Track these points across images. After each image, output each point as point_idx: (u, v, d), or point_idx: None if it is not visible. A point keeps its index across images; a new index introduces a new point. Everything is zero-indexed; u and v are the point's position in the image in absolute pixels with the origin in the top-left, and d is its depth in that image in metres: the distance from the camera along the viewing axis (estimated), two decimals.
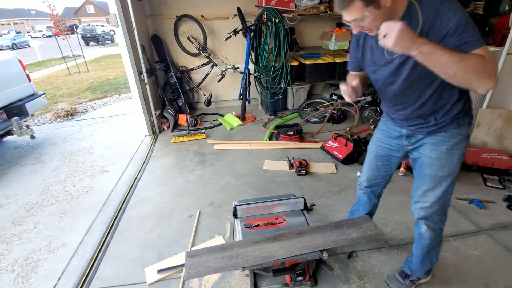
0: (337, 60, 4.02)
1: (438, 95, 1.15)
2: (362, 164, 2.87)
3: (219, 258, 1.49)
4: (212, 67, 4.18)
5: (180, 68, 4.32)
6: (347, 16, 0.99)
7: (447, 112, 1.18)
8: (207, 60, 4.15)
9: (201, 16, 4.07)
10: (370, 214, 1.80)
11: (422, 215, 1.37)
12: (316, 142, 3.40)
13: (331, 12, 3.94)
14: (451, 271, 1.73)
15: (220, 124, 4.08)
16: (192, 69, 4.34)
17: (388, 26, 0.90)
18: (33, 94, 4.02)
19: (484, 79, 0.92)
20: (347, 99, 1.24)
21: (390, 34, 0.89)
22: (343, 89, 1.23)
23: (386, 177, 1.61)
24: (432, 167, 1.27)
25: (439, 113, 1.19)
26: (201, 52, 4.13)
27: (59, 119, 4.87)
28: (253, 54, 4.01)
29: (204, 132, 3.74)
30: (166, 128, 4.01)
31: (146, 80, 3.57)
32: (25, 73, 3.96)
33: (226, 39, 3.78)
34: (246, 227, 1.77)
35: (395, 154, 1.46)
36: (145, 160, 3.22)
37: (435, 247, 1.50)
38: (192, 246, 2.01)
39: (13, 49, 18.21)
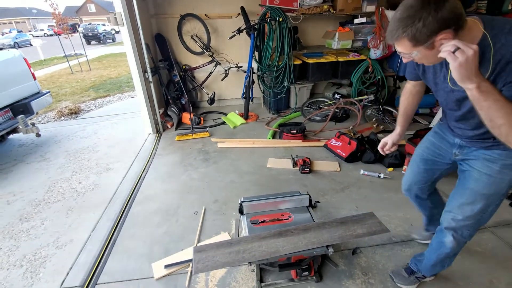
0: (340, 59, 4.04)
1: None
2: (365, 162, 2.93)
3: (226, 253, 1.51)
4: (215, 66, 4.20)
5: (184, 67, 4.34)
6: (397, 47, 0.94)
7: None
8: (210, 59, 4.17)
9: (205, 15, 4.08)
10: (436, 210, 1.65)
11: (452, 226, 1.29)
12: (319, 140, 3.42)
13: (334, 11, 3.95)
14: (455, 267, 1.75)
15: (224, 123, 4.10)
16: (196, 67, 4.36)
17: (461, 45, 0.79)
18: (38, 93, 4.05)
19: None
20: (381, 151, 1.53)
21: (456, 56, 0.79)
22: (384, 141, 1.51)
23: (427, 183, 1.50)
24: (478, 183, 1.19)
25: None
26: (204, 51, 4.15)
27: (63, 118, 4.90)
28: (256, 53, 4.03)
29: (207, 131, 3.76)
30: (169, 127, 4.03)
31: (150, 78, 3.59)
32: (30, 71, 3.99)
33: (230, 38, 3.79)
34: (252, 223, 1.79)
35: (441, 160, 1.38)
36: (149, 158, 3.25)
37: (451, 257, 1.44)
38: (198, 242, 2.04)
39: (15, 47, 18.26)
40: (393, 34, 0.90)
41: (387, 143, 1.51)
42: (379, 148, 1.56)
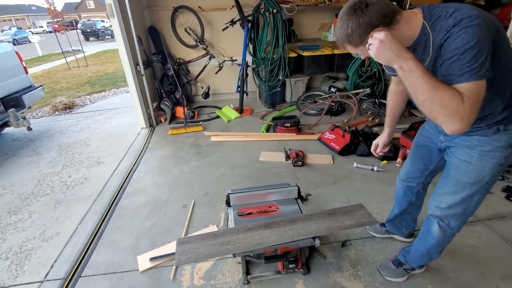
0: (336, 51, 3.97)
1: None
2: (359, 155, 2.88)
3: (210, 245, 1.48)
4: (209, 59, 4.15)
5: (178, 60, 4.29)
6: (350, 50, 1.04)
7: (484, 119, 1.05)
8: (204, 52, 4.12)
9: (198, 7, 4.02)
10: (408, 213, 1.68)
11: (437, 214, 1.29)
12: (313, 134, 3.37)
13: (329, 3, 3.88)
14: (446, 260, 1.71)
15: (218, 117, 4.05)
16: (190, 61, 4.31)
17: (373, 37, 0.90)
18: (30, 86, 4.00)
19: (449, 119, 0.85)
20: (374, 153, 1.57)
21: (372, 44, 0.90)
22: (375, 143, 1.56)
23: (424, 172, 1.47)
24: (458, 170, 1.17)
25: (476, 120, 1.03)
26: (198, 44, 4.09)
27: (57, 112, 4.86)
28: (250, 46, 3.97)
29: (201, 124, 3.72)
30: (163, 121, 3.99)
31: (142, 71, 3.54)
32: (22, 65, 3.94)
33: (223, 29, 3.74)
34: (239, 215, 1.76)
35: (433, 145, 1.36)
36: (141, 152, 3.21)
37: (438, 247, 1.41)
38: (186, 234, 2.00)
39: (14, 44, 18.21)
40: (338, 42, 1.02)
41: (378, 145, 1.56)
42: (371, 150, 1.60)
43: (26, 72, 3.99)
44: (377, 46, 0.88)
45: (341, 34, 0.97)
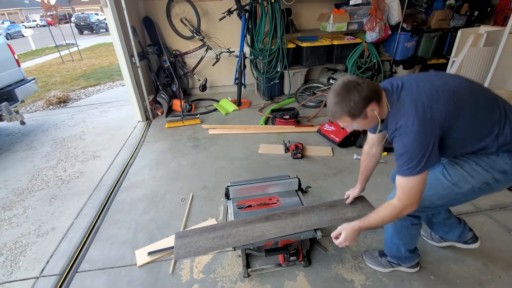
0: (335, 42, 3.91)
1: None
2: (359, 147, 2.85)
3: (210, 238, 1.44)
4: (206, 50, 4.06)
5: (174, 52, 4.20)
6: (340, 123, 1.16)
7: (479, 153, 1.15)
8: (201, 43, 4.03)
9: None
10: (436, 219, 1.61)
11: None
12: (312, 126, 3.33)
13: None
14: (448, 251, 1.69)
15: (215, 110, 3.99)
16: (186, 53, 4.22)
17: (344, 232, 1.26)
18: (23, 80, 3.91)
19: (401, 215, 1.14)
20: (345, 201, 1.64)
21: (343, 239, 1.26)
22: (347, 194, 1.65)
23: None
24: (443, 169, 1.22)
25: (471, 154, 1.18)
26: (194, 35, 4.00)
27: (51, 107, 4.76)
28: (248, 37, 3.89)
29: (198, 117, 3.65)
30: (160, 114, 3.92)
31: (137, 63, 3.46)
32: (14, 57, 3.84)
33: (220, 19, 3.65)
34: (238, 208, 1.72)
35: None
36: (138, 145, 3.15)
37: (396, 238, 1.43)
38: (184, 228, 1.97)
39: (8, 39, 17.84)
40: (335, 115, 1.12)
41: (349, 196, 1.63)
42: (345, 197, 1.66)
43: (19, 65, 3.89)
44: (339, 243, 1.27)
45: (340, 108, 1.08)
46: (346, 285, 1.53)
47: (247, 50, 3.94)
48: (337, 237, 1.29)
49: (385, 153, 2.72)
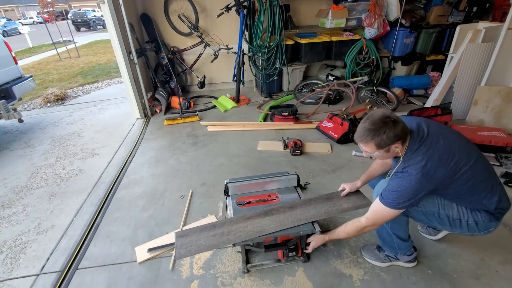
0: (334, 39, 3.90)
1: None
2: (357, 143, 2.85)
3: (210, 236, 1.45)
4: (204, 47, 4.05)
5: (172, 49, 4.18)
6: (363, 147, 1.25)
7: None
8: (199, 40, 4.01)
9: None
10: None
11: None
12: (311, 122, 3.33)
13: None
14: (445, 245, 1.71)
15: (214, 107, 3.98)
16: (184, 49, 4.20)
17: (315, 240, 1.52)
18: (20, 77, 3.88)
19: (360, 233, 1.39)
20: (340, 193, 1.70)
21: (313, 246, 1.52)
22: (343, 186, 1.70)
23: None
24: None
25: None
26: (193, 31, 3.98)
27: (49, 104, 4.74)
28: (246, 33, 3.87)
29: (197, 115, 3.65)
30: (158, 111, 3.91)
31: (135, 60, 3.44)
32: (11, 55, 3.81)
33: (218, 15, 3.63)
34: (237, 205, 1.73)
35: None
36: (136, 143, 3.15)
37: (385, 241, 1.54)
38: (184, 225, 1.97)
39: (4, 36, 17.64)
40: (363, 138, 1.21)
41: (345, 189, 1.68)
42: (339, 189, 1.72)
43: (16, 63, 3.86)
44: (317, 244, 1.52)
45: (371, 136, 1.18)
46: (344, 280, 1.55)
47: (245, 46, 3.92)
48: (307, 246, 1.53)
49: None
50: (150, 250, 1.77)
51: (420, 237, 1.77)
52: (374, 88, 3.78)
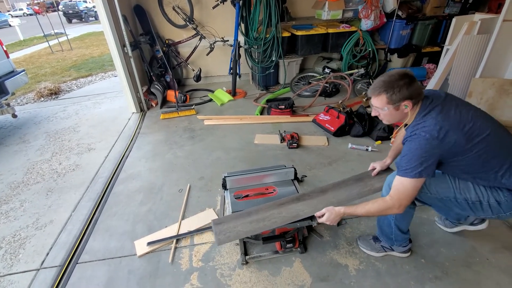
0: (330, 30, 3.88)
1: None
2: (353, 136, 2.88)
3: (247, 222, 1.47)
4: (200, 40, 4.00)
5: (167, 42, 4.12)
6: (373, 101, 1.26)
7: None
8: (194, 32, 3.96)
9: None
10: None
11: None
12: (307, 115, 3.34)
13: None
14: (438, 235, 1.76)
15: (210, 100, 3.97)
16: (179, 42, 4.15)
17: (328, 212, 1.39)
18: (13, 71, 3.81)
19: (387, 212, 1.29)
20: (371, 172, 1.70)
21: (325, 219, 1.39)
22: (373, 165, 1.70)
23: None
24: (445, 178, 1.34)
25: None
26: (187, 23, 3.92)
27: (42, 99, 4.68)
28: (242, 25, 3.83)
29: (193, 108, 3.63)
30: (154, 105, 3.89)
31: (130, 53, 3.39)
32: (3, 49, 3.73)
33: (214, 7, 3.58)
34: (235, 198, 1.75)
35: None
36: (133, 137, 3.14)
37: (384, 231, 1.54)
38: (183, 219, 1.99)
39: None
40: (375, 90, 1.23)
41: (375, 168, 1.68)
42: (369, 168, 1.73)
43: (8, 57, 3.78)
44: (325, 220, 1.39)
45: (385, 87, 1.19)
46: (340, 269, 1.59)
47: (241, 39, 3.89)
48: (320, 217, 1.42)
49: (379, 141, 2.77)
50: (149, 243, 1.79)
51: (414, 227, 1.81)
52: (371, 80, 3.79)
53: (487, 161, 1.16)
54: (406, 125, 1.28)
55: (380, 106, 1.23)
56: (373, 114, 1.31)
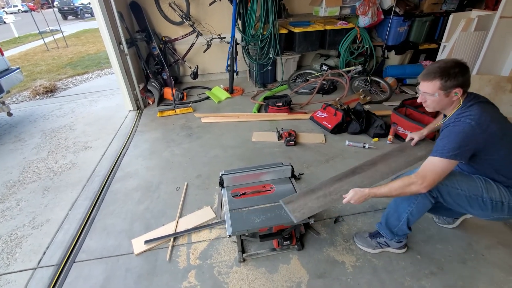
0: (328, 27, 3.86)
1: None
2: (351, 133, 2.89)
3: (314, 198, 1.48)
4: (197, 37, 3.97)
5: (163, 39, 4.09)
6: (423, 87, 1.28)
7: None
8: (191, 29, 3.93)
9: None
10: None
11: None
12: (305, 113, 3.34)
13: None
14: (433, 231, 1.77)
15: (208, 98, 3.95)
16: (176, 39, 4.12)
17: (353, 192, 1.35)
18: (7, 69, 3.77)
19: (411, 191, 1.27)
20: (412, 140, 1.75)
21: (349, 197, 1.36)
22: (410, 136, 1.74)
23: None
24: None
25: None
26: (184, 20, 3.89)
27: (38, 96, 4.64)
28: (239, 22, 3.80)
29: (191, 106, 3.62)
30: (151, 103, 3.86)
31: (126, 50, 3.36)
32: None
33: (210, 4, 3.56)
34: (233, 196, 1.75)
35: None
36: (130, 135, 3.12)
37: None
38: (180, 217, 1.99)
39: None
40: (430, 75, 1.24)
41: (413, 139, 1.73)
42: (406, 140, 1.78)
43: (2, 54, 3.74)
44: (350, 199, 1.36)
45: (440, 73, 1.21)
46: (337, 266, 1.60)
47: (238, 36, 3.86)
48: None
49: (376, 139, 2.77)
50: (146, 242, 1.79)
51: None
52: (368, 77, 3.79)
53: None
54: (445, 116, 1.33)
55: (431, 92, 1.25)
56: (419, 100, 1.32)
